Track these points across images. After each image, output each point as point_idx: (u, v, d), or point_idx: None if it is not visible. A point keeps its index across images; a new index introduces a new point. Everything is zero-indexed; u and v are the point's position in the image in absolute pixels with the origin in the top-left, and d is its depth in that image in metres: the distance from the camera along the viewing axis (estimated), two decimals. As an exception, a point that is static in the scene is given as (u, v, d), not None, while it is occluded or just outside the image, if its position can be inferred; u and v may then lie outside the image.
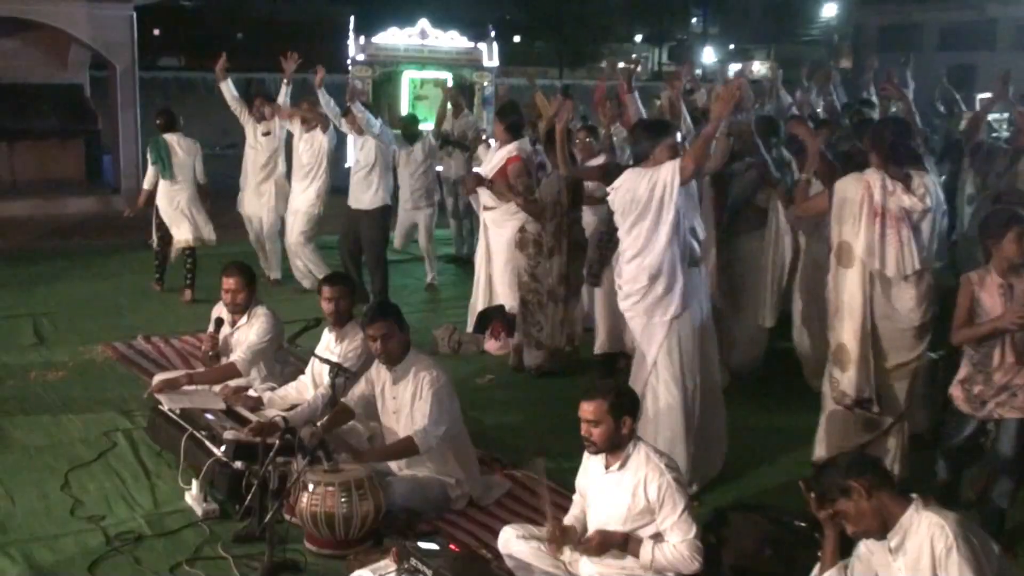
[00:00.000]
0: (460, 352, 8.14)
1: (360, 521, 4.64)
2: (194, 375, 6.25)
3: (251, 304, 6.34)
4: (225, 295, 6.30)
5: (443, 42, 16.55)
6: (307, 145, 9.77)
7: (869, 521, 3.46)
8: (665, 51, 63.57)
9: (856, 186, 5.38)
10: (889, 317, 5.42)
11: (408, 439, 5.00)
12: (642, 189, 5.30)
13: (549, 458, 5.79)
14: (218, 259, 7.25)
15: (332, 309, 5.80)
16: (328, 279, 6.13)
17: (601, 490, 4.33)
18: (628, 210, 5.39)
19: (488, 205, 8.35)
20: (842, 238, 5.47)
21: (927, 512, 3.39)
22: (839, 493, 3.48)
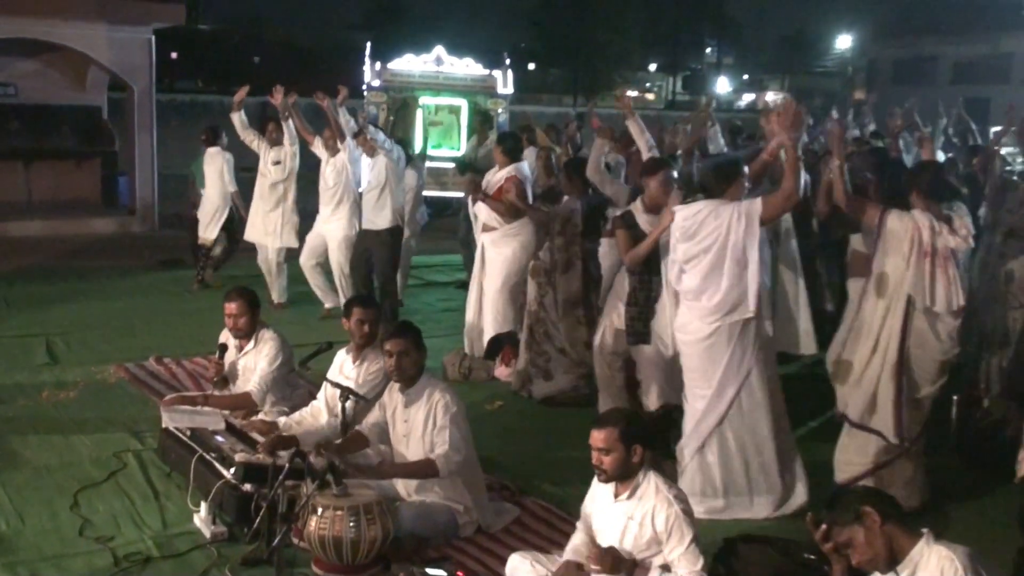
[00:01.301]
0: (470, 378, 8.14)
1: (368, 546, 4.63)
2: (209, 398, 6.28)
3: (255, 328, 6.36)
4: (228, 320, 6.33)
5: (458, 69, 16.67)
6: (331, 168, 9.82)
7: (878, 550, 3.45)
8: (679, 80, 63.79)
9: (904, 225, 5.53)
10: (923, 347, 5.59)
11: (429, 461, 4.99)
12: (723, 224, 5.38)
13: (556, 485, 5.84)
14: (228, 281, 7.28)
15: (363, 331, 5.84)
16: (361, 300, 6.20)
17: (609, 519, 4.33)
18: (701, 244, 5.46)
19: (488, 226, 8.34)
20: (884, 269, 5.61)
21: (938, 546, 3.38)
22: (853, 519, 3.48)
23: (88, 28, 14.53)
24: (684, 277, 5.60)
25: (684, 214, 5.55)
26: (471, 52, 18.77)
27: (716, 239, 5.42)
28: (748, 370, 5.50)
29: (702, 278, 5.48)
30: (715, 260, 5.42)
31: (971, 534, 5.07)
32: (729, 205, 5.44)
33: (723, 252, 5.40)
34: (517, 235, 8.08)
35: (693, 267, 5.52)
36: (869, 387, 5.64)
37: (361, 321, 5.88)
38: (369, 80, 16.29)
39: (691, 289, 5.55)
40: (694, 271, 5.52)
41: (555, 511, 5.53)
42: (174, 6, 15.63)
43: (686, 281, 5.59)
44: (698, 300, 5.51)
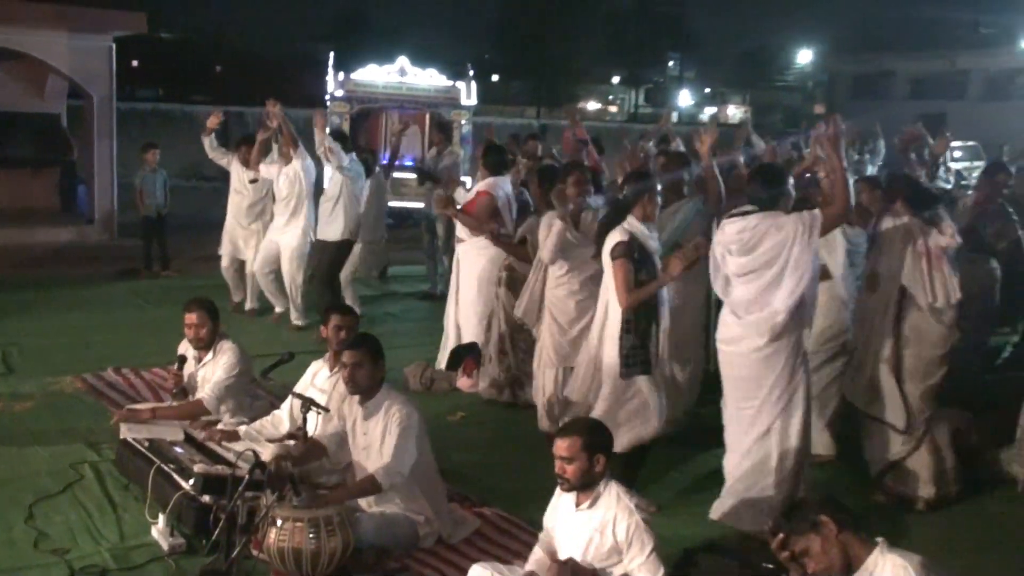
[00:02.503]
0: (432, 389, 8.13)
1: (328, 558, 4.60)
2: (158, 409, 6.23)
3: (216, 339, 6.33)
4: (188, 330, 6.30)
5: (422, 80, 16.69)
6: (285, 178, 9.80)
7: (834, 559, 3.49)
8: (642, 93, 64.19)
9: (897, 227, 5.98)
10: (921, 342, 5.99)
11: (370, 478, 4.99)
12: (788, 236, 5.38)
13: (518, 496, 5.84)
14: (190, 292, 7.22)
15: (340, 338, 5.81)
16: (340, 308, 6.19)
17: (570, 528, 4.34)
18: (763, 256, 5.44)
19: (461, 238, 8.35)
20: (877, 269, 6.11)
21: (892, 554, 3.43)
22: (810, 528, 3.52)
23: (47, 35, 14.38)
24: (737, 290, 5.56)
25: (738, 227, 5.50)
26: (435, 63, 18.80)
27: (780, 251, 5.40)
28: (800, 378, 5.54)
29: (762, 291, 5.44)
30: (779, 272, 5.41)
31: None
32: (790, 217, 5.44)
33: (786, 264, 5.39)
34: (488, 247, 8.05)
35: (751, 280, 5.48)
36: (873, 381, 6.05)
37: (339, 328, 5.86)
38: (332, 90, 16.26)
39: (748, 301, 5.50)
40: (752, 284, 5.48)
41: (516, 521, 5.53)
42: (135, 14, 15.50)
43: (740, 294, 5.53)
44: (756, 312, 5.47)
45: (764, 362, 5.47)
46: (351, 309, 6.34)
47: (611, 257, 5.60)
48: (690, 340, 6.96)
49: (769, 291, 5.43)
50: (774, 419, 5.50)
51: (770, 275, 5.41)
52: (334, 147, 9.36)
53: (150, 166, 12.52)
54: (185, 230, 13.08)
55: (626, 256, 5.57)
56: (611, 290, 5.67)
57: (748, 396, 5.55)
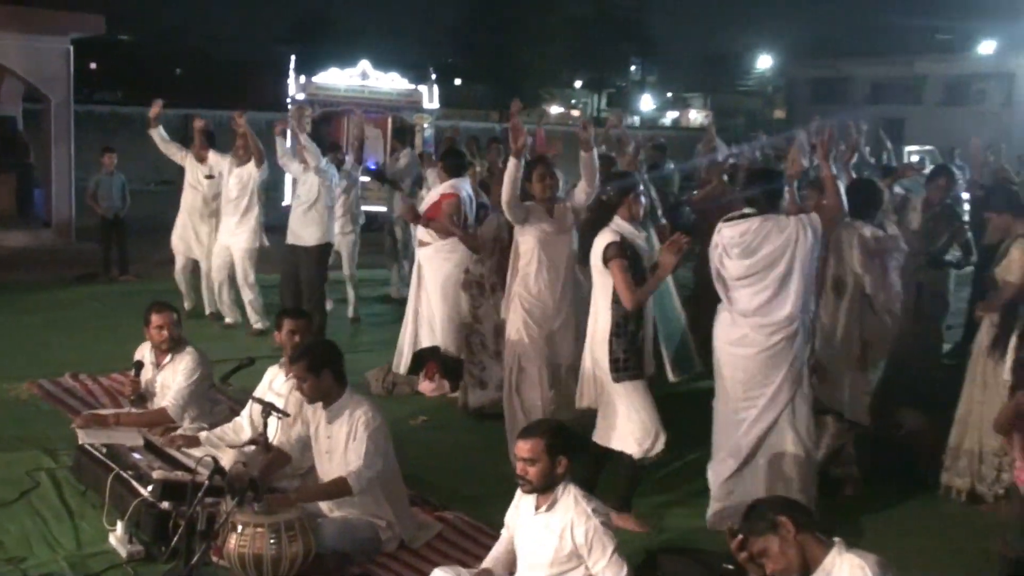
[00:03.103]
0: (394, 393, 8.11)
1: (289, 563, 4.58)
2: (121, 416, 6.16)
3: (177, 343, 6.29)
4: (155, 332, 6.25)
5: (384, 83, 16.67)
6: (236, 179, 9.75)
7: (792, 560, 3.52)
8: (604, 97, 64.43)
9: (849, 233, 6.23)
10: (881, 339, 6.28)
11: (341, 480, 4.97)
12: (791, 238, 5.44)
13: (480, 499, 5.84)
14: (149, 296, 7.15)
15: (294, 342, 5.76)
16: (289, 312, 6.11)
17: (530, 531, 4.35)
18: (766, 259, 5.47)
19: (424, 241, 8.31)
20: (837, 272, 6.26)
21: (849, 554, 3.46)
22: (768, 528, 3.55)
23: (2, 37, 14.20)
24: (740, 293, 5.58)
25: (739, 230, 5.54)
26: (397, 67, 18.76)
27: (784, 253, 5.45)
28: (804, 378, 5.60)
29: (767, 292, 5.49)
30: (784, 274, 5.46)
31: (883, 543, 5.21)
32: (791, 219, 5.51)
33: (791, 265, 5.45)
34: (453, 251, 8.04)
35: (753, 283, 5.52)
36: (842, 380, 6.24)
37: (292, 332, 5.83)
38: (294, 93, 16.19)
39: (752, 304, 5.53)
40: (756, 286, 5.52)
41: (478, 525, 5.53)
42: (93, 16, 15.34)
43: (743, 297, 5.56)
44: (760, 315, 5.50)
45: (770, 362, 5.52)
46: (304, 312, 6.27)
47: (605, 259, 5.54)
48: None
49: (775, 293, 5.48)
50: (777, 418, 5.55)
51: (773, 276, 5.47)
52: (311, 148, 9.34)
53: (107, 169, 12.44)
54: (145, 234, 12.96)
55: (621, 256, 5.53)
56: (601, 293, 5.61)
57: (751, 397, 5.58)
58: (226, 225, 9.89)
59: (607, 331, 5.59)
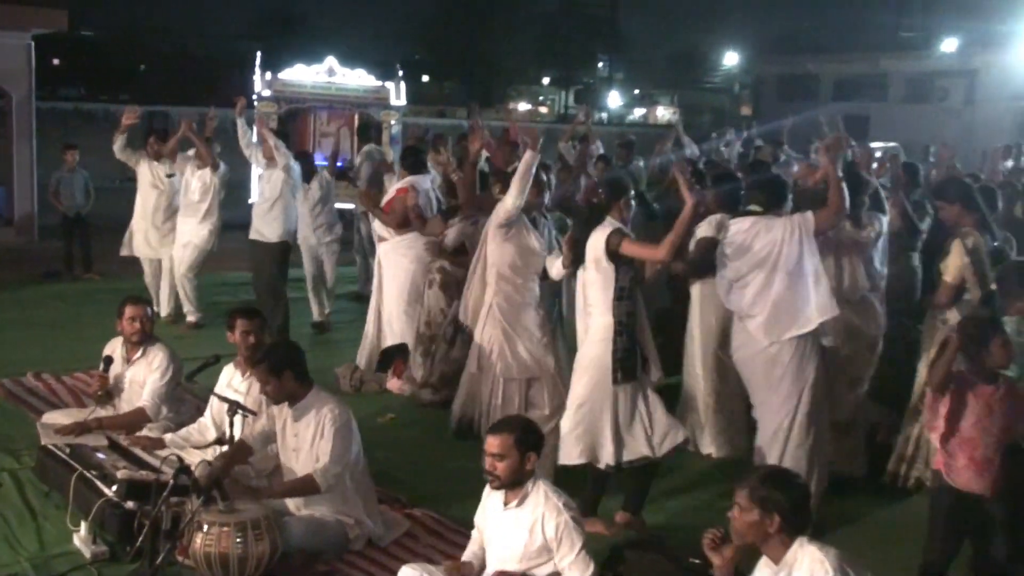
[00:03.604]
0: (362, 390, 8.08)
1: (255, 562, 4.55)
2: (104, 420, 6.08)
3: (149, 337, 6.24)
4: (129, 323, 6.19)
5: (350, 80, 16.57)
6: (199, 182, 9.70)
7: (753, 540, 3.55)
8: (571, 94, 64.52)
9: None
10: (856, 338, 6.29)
11: (309, 477, 4.95)
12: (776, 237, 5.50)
13: (448, 497, 5.84)
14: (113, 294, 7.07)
15: (248, 342, 5.73)
16: (242, 312, 6.04)
17: (499, 527, 4.35)
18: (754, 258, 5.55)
19: (383, 236, 8.28)
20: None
21: (811, 547, 3.47)
22: (760, 506, 3.50)
23: (-38, 33, 14.00)
24: (735, 294, 5.66)
25: (736, 228, 5.65)
26: (364, 63, 18.64)
27: (769, 253, 5.51)
28: (809, 376, 5.60)
29: (756, 293, 5.55)
30: (768, 275, 5.51)
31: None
32: (780, 219, 5.58)
33: (775, 266, 5.49)
34: (411, 247, 8.05)
35: (748, 283, 5.59)
36: None
37: (246, 332, 5.79)
38: (259, 90, 16.07)
39: (746, 304, 5.61)
40: (748, 288, 5.59)
41: (446, 523, 5.53)
42: (55, 11, 15.14)
43: (740, 297, 5.64)
44: (755, 315, 5.57)
45: (771, 363, 5.58)
46: (257, 312, 6.17)
47: (610, 248, 5.40)
48: None
49: (762, 293, 5.54)
50: (783, 419, 5.58)
51: (762, 277, 5.53)
52: (280, 146, 9.29)
53: (69, 166, 12.30)
54: (109, 231, 12.79)
55: (625, 236, 5.44)
56: (600, 293, 5.49)
57: (760, 398, 5.70)
58: (186, 225, 9.82)
59: (610, 329, 5.44)
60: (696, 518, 5.71)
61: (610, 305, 5.46)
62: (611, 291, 5.45)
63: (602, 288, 5.48)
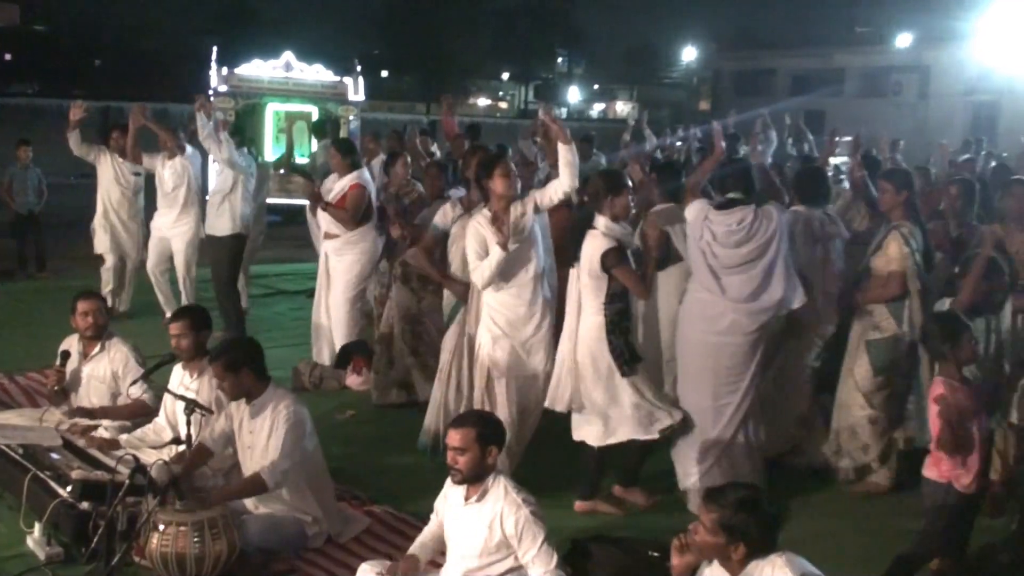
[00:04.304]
0: (322, 387, 8.04)
1: (213, 562, 4.52)
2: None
3: (104, 331, 6.19)
4: (82, 318, 6.12)
5: (308, 75, 16.49)
6: (170, 171, 9.57)
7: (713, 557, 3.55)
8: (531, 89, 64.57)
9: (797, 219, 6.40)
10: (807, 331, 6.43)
11: (256, 476, 4.91)
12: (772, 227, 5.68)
13: (408, 493, 5.82)
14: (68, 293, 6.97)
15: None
16: (174, 315, 6.00)
17: (459, 522, 4.35)
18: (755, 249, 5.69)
19: (331, 233, 8.20)
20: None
21: (771, 556, 3.41)
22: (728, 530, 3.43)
23: (-90, 27, 13.74)
24: (731, 280, 5.74)
25: (735, 219, 5.72)
26: (321, 58, 18.55)
27: (772, 242, 5.68)
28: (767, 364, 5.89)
29: (756, 280, 5.71)
30: (771, 261, 5.69)
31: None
32: (773, 208, 5.77)
33: (777, 254, 5.70)
34: (359, 242, 8.01)
35: (747, 270, 5.72)
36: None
37: (173, 335, 5.70)
38: (216, 85, 15.94)
39: (743, 291, 5.72)
40: (747, 274, 5.72)
41: (406, 519, 5.51)
42: (7, 6, 14.95)
43: (735, 284, 5.73)
44: (750, 301, 5.71)
45: (753, 347, 5.76)
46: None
47: (605, 267, 5.51)
48: None
49: (764, 280, 5.71)
50: (745, 401, 5.79)
51: (763, 265, 5.70)
52: (225, 139, 9.19)
53: (22, 163, 12.11)
54: (64, 229, 12.67)
55: (622, 261, 5.56)
56: (592, 295, 5.58)
57: (732, 383, 5.77)
58: (164, 219, 9.66)
59: (602, 329, 5.57)
60: (657, 511, 5.80)
61: (601, 307, 5.59)
62: (602, 295, 5.59)
63: (593, 292, 5.60)
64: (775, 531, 3.52)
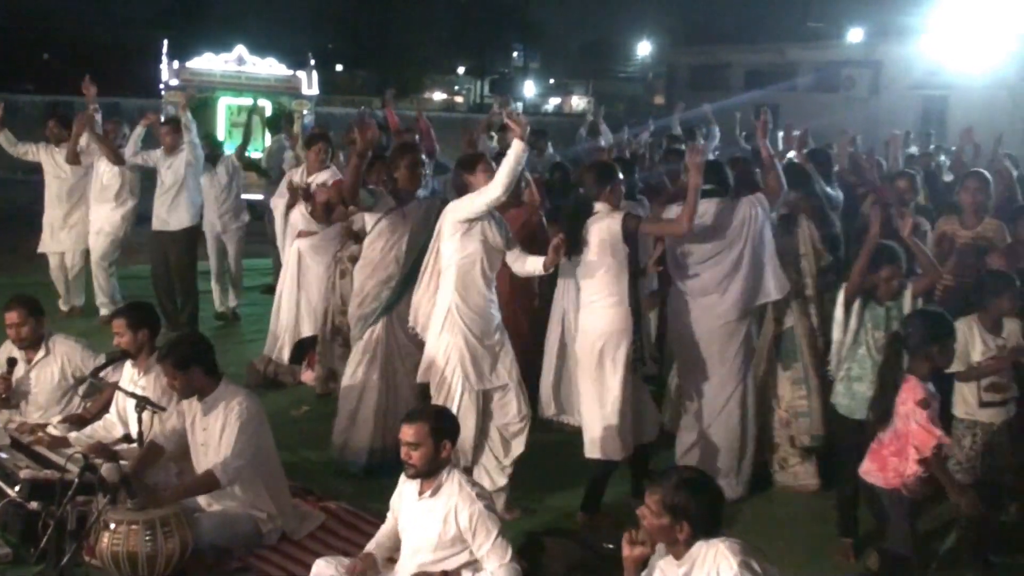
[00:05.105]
0: (276, 383, 7.98)
1: (165, 560, 4.49)
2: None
3: (42, 337, 6.09)
4: (9, 330, 6.02)
5: (261, 69, 16.37)
6: (107, 166, 9.45)
7: (661, 540, 3.58)
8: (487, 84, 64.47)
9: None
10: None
11: (208, 473, 4.88)
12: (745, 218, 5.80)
13: (363, 488, 5.80)
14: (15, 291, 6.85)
15: (119, 342, 5.60)
16: (117, 312, 5.94)
17: (414, 517, 4.35)
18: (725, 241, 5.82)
19: (308, 231, 8.17)
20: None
21: (714, 540, 3.49)
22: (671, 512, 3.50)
23: None
24: (701, 271, 5.85)
25: (708, 211, 5.80)
26: (274, 52, 18.39)
27: (740, 232, 5.81)
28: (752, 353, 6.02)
29: (725, 272, 5.82)
30: (741, 251, 5.81)
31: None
32: (743, 200, 5.84)
33: (745, 245, 5.81)
34: (332, 239, 7.98)
35: (719, 261, 5.82)
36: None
37: (116, 333, 5.60)
38: (167, 79, 15.78)
39: (713, 282, 5.84)
40: (719, 266, 5.82)
41: (361, 515, 5.50)
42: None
43: (705, 275, 5.85)
44: (719, 292, 5.83)
45: (729, 336, 5.87)
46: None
47: (629, 228, 5.48)
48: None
49: (734, 270, 5.81)
50: (732, 391, 5.90)
51: (734, 255, 5.80)
52: (190, 126, 9.11)
53: (-33, 160, 11.87)
54: (8, 224, 12.48)
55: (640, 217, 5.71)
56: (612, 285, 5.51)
57: (708, 372, 5.91)
58: (99, 212, 9.55)
59: (629, 319, 5.50)
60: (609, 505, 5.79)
61: (626, 293, 5.50)
62: (624, 280, 5.50)
63: (617, 275, 5.49)
64: (718, 511, 3.58)
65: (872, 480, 4.70)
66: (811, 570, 5.17)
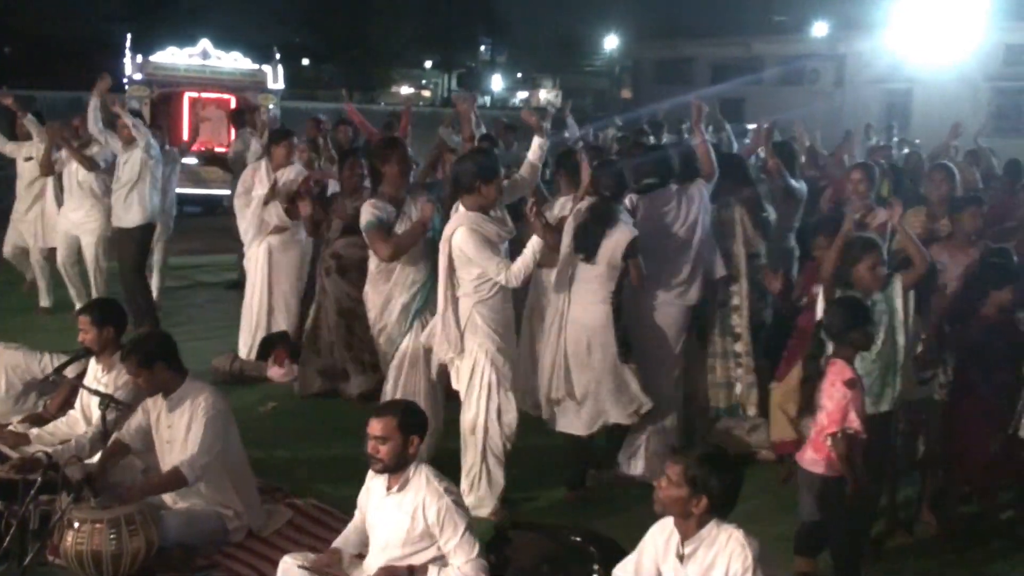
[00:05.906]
0: (242, 380, 7.93)
1: (130, 559, 4.45)
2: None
3: None
4: None
5: (226, 63, 16.28)
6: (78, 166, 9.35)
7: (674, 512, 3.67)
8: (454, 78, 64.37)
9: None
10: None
11: (175, 470, 4.84)
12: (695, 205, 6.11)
13: (331, 485, 5.79)
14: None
15: (84, 339, 5.53)
16: (81, 309, 5.88)
17: (381, 513, 4.33)
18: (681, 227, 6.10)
19: (281, 227, 8.12)
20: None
21: (728, 526, 3.54)
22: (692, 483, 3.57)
23: None
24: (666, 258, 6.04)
25: (657, 203, 6.07)
26: (240, 46, 18.29)
27: (696, 219, 6.09)
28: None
29: (690, 255, 6.09)
30: (700, 237, 6.10)
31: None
32: (692, 187, 6.15)
33: (693, 231, 6.09)
34: (300, 233, 8.03)
35: (682, 249, 6.07)
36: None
37: (81, 329, 5.55)
38: (130, 73, 15.64)
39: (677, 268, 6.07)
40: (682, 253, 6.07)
41: (329, 511, 5.48)
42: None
43: (670, 262, 6.06)
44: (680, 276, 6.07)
45: (684, 316, 6.19)
46: (99, 305, 5.87)
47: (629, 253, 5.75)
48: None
49: (696, 255, 6.10)
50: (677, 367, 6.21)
51: (695, 242, 6.08)
52: (138, 124, 9.00)
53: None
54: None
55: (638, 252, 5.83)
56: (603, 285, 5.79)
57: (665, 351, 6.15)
58: (72, 214, 9.41)
59: (610, 317, 5.80)
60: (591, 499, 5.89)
61: (609, 296, 5.82)
62: (613, 285, 5.82)
63: (606, 282, 5.81)
64: (736, 492, 3.67)
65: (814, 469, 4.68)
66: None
